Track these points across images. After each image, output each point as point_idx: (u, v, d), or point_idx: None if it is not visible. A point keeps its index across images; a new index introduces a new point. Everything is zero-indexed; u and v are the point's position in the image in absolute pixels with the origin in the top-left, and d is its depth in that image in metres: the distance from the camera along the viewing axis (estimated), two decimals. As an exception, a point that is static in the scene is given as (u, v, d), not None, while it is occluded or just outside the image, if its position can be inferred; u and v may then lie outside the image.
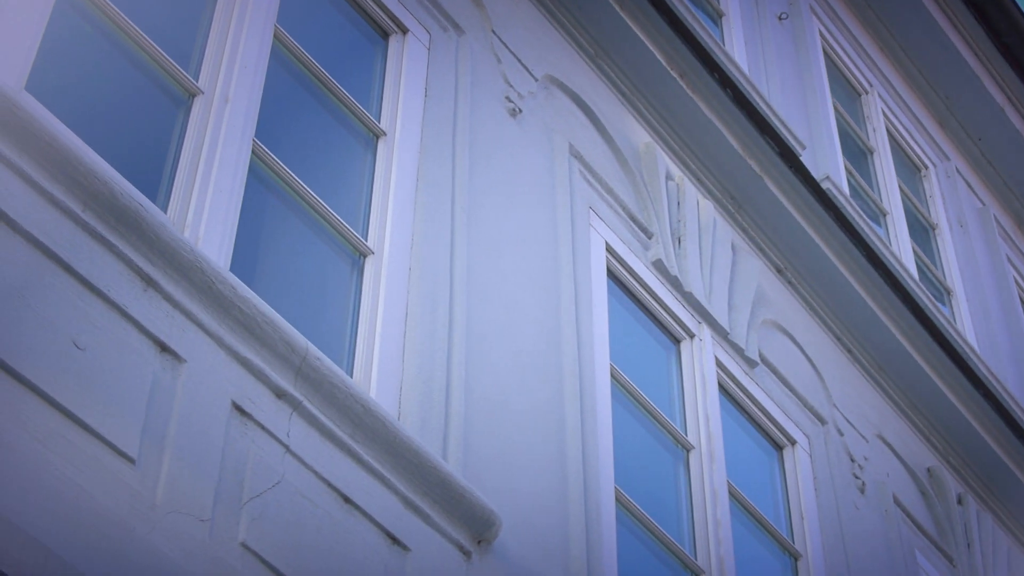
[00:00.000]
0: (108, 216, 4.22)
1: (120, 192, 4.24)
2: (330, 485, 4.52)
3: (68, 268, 4.08)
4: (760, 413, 7.13)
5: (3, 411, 3.73)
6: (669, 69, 7.44)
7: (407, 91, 5.90)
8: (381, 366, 5.04)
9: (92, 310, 4.09)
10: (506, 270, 5.86)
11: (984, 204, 11.48)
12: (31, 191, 4.08)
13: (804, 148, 8.64)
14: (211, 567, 4.02)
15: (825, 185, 8.71)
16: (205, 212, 4.69)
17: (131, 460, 3.96)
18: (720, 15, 9.20)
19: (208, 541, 4.05)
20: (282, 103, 5.38)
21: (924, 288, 9.22)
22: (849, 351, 8.13)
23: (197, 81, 5.01)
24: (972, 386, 8.61)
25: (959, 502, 8.35)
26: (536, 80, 6.71)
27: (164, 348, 4.24)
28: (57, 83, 4.51)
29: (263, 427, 4.41)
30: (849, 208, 8.76)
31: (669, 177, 7.24)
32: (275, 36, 5.44)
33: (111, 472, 3.90)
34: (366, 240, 5.36)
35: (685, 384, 6.74)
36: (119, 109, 4.79)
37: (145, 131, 4.84)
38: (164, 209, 4.63)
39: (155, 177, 4.72)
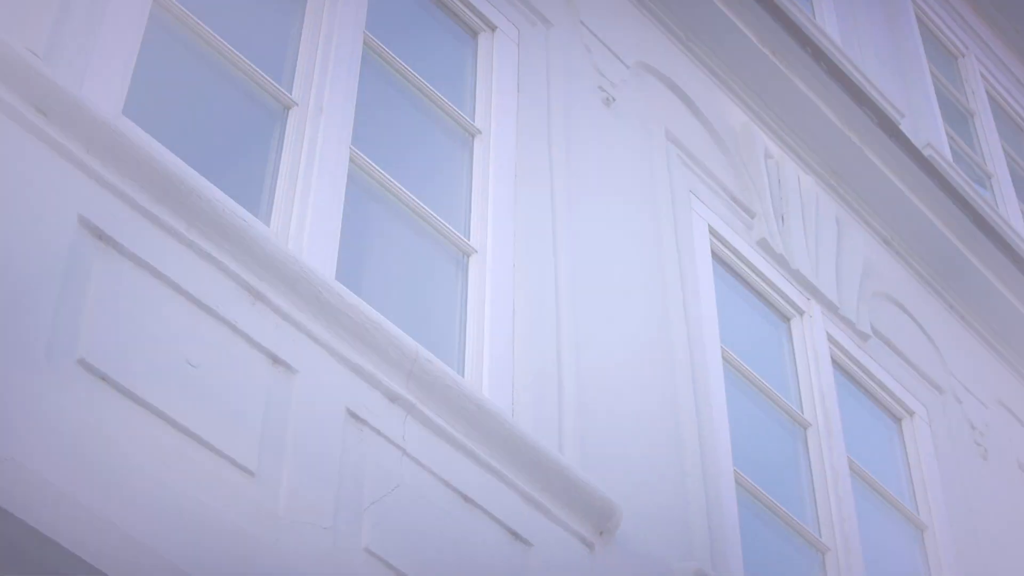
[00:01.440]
0: (213, 233, 4.26)
1: (223, 209, 4.28)
2: (449, 485, 4.54)
3: (177, 288, 4.11)
4: (876, 386, 7.07)
5: (123, 432, 3.78)
6: (761, 47, 7.39)
7: (499, 88, 5.91)
8: (492, 364, 5.05)
9: (203, 327, 4.13)
10: (610, 260, 5.85)
11: (1091, 159, 11.30)
12: (136, 214, 4.12)
13: (903, 116, 8.55)
14: (337, 575, 4.05)
15: (927, 152, 8.61)
16: (307, 222, 4.72)
17: (251, 473, 3.99)
18: (809, -12, 9.13)
19: (332, 549, 4.08)
20: (376, 109, 5.40)
21: (1035, 249, 9.10)
22: (962, 318, 8.04)
23: (291, 93, 5.04)
24: (1092, 345, 8.49)
25: (1086, 463, 8.24)
26: (628, 68, 6.69)
27: (276, 360, 4.27)
28: (153, 105, 4.56)
29: (379, 432, 4.43)
30: (953, 174, 8.65)
31: (768, 155, 7.20)
32: (365, 43, 5.46)
33: (232, 486, 3.94)
34: (468, 239, 5.37)
35: (798, 361, 6.69)
36: (216, 126, 4.84)
37: (243, 146, 4.88)
38: (267, 222, 4.67)
39: (256, 191, 4.76)
